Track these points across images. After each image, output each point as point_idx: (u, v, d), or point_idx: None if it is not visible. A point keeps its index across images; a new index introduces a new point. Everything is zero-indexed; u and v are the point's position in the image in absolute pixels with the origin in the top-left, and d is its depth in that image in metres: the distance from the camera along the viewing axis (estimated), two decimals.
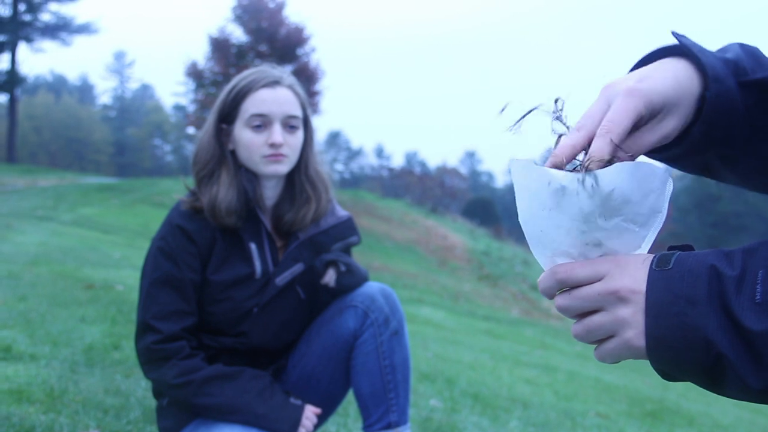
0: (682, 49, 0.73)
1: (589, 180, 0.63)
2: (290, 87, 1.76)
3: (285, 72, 1.80)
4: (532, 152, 0.71)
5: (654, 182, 0.65)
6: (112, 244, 8.91)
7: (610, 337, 0.66)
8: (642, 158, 0.72)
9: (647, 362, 0.65)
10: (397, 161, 79.69)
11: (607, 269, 0.66)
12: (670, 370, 0.63)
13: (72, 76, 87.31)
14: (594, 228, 0.65)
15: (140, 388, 2.60)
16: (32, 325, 3.43)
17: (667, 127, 0.70)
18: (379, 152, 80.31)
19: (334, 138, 74.69)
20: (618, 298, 0.64)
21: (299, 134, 1.77)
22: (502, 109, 0.70)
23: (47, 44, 41.41)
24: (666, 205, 0.68)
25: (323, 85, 25.36)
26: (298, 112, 1.76)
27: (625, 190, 0.63)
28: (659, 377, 0.68)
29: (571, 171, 0.65)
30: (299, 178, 1.81)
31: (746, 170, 0.77)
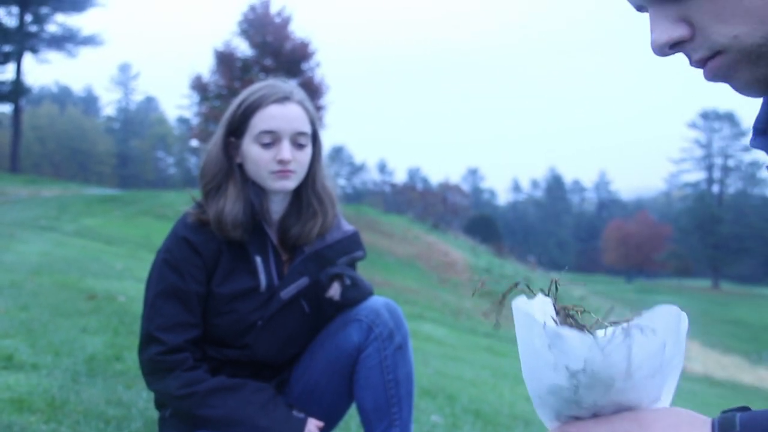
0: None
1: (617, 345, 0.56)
2: (300, 103, 1.77)
3: (295, 87, 1.80)
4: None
5: (672, 325, 0.59)
6: (115, 255, 8.91)
7: None
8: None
9: None
10: (400, 177, 79.76)
11: (627, 430, 0.59)
12: None
13: (77, 87, 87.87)
14: (614, 390, 0.58)
15: (142, 400, 2.60)
16: (34, 334, 3.42)
17: None
18: (382, 168, 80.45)
19: (337, 153, 74.85)
20: None
21: (308, 150, 1.77)
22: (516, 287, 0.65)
23: (53, 55, 41.80)
24: (683, 346, 0.61)
25: (327, 99, 25.50)
26: (307, 129, 1.76)
27: (647, 346, 0.57)
28: None
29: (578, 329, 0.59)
30: (306, 193, 1.82)
31: None
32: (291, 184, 1.74)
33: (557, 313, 0.62)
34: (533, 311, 0.60)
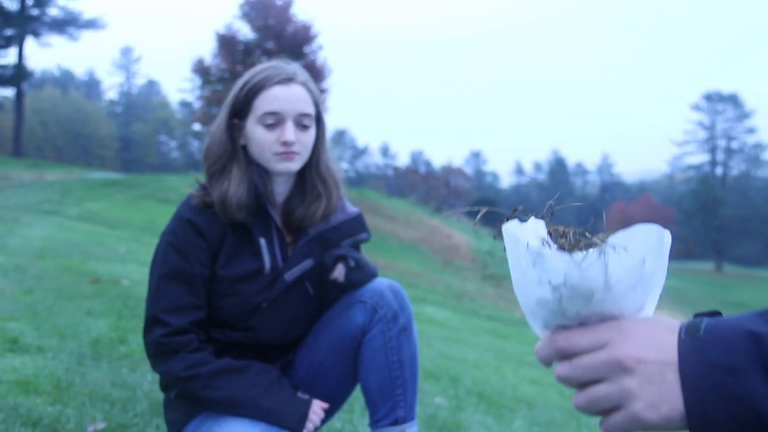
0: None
1: (592, 261, 0.60)
2: (304, 84, 1.75)
3: (298, 68, 1.78)
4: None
5: (652, 242, 0.63)
6: (118, 239, 8.93)
7: (615, 408, 0.62)
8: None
9: None
10: (403, 160, 79.61)
11: (610, 336, 0.62)
12: None
13: (79, 71, 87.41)
14: (594, 301, 0.63)
15: (147, 382, 2.61)
16: (39, 317, 3.44)
17: None
18: (385, 151, 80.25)
19: (339, 136, 74.69)
20: (622, 368, 0.61)
21: (311, 132, 1.76)
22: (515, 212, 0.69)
23: (54, 39, 41.48)
24: (666, 261, 0.65)
25: (330, 83, 25.41)
26: (311, 110, 1.75)
27: (625, 262, 0.61)
28: None
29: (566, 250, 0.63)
30: (310, 175, 1.81)
31: None
32: (295, 165, 1.73)
33: (550, 234, 0.66)
34: (519, 233, 0.65)
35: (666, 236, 0.64)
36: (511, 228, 0.66)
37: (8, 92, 39.93)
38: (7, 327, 3.09)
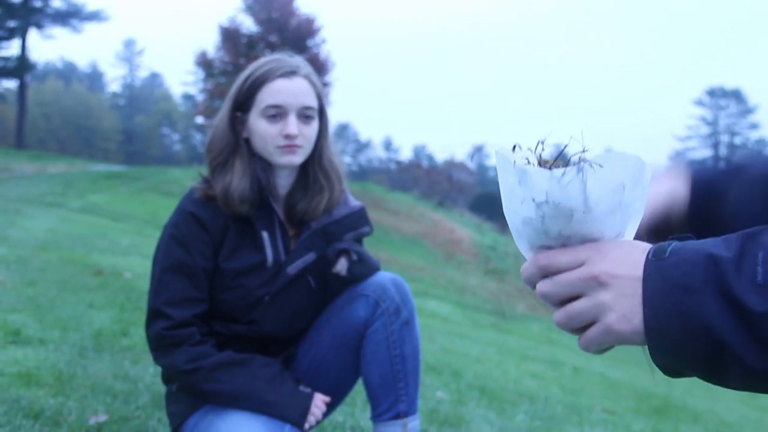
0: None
1: (571, 176, 0.63)
2: (306, 77, 1.75)
3: (301, 61, 1.78)
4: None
5: (632, 170, 0.65)
6: (121, 232, 8.94)
7: (591, 323, 0.66)
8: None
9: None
10: (405, 154, 79.54)
11: (588, 255, 0.66)
12: (671, 364, 0.62)
13: (82, 63, 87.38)
14: (575, 221, 0.66)
15: (149, 374, 2.61)
16: (41, 309, 3.44)
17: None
18: (387, 145, 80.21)
19: (342, 130, 74.62)
20: (598, 282, 0.64)
21: (314, 125, 1.76)
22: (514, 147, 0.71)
23: (58, 31, 41.41)
24: (646, 191, 0.68)
25: (333, 76, 25.35)
26: (314, 103, 1.74)
27: (603, 183, 0.64)
28: (663, 373, 0.66)
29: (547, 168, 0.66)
30: (313, 168, 1.80)
31: None
32: (297, 159, 1.73)
33: (538, 157, 0.69)
34: (509, 155, 0.68)
35: (648, 169, 0.67)
36: (502, 150, 0.69)
37: (11, 84, 40.01)
38: (10, 319, 3.09)
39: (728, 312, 0.57)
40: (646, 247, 0.66)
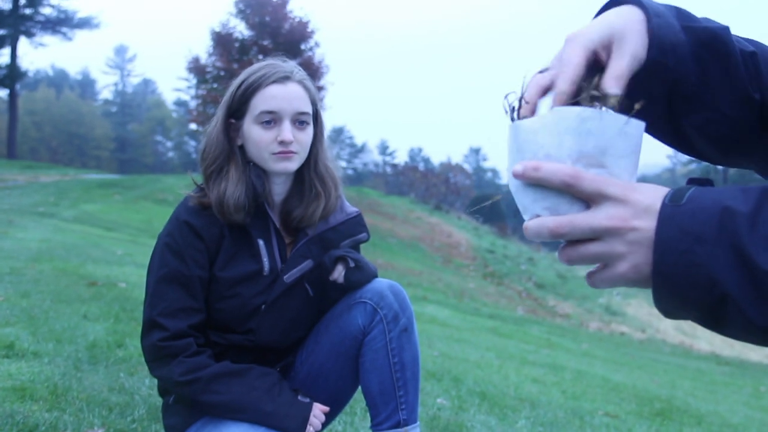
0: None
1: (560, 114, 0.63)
2: (301, 82, 1.73)
3: (295, 66, 1.76)
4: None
5: (617, 126, 0.64)
6: (115, 241, 8.90)
7: (602, 265, 0.66)
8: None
9: (654, 361, 0.62)
10: (401, 158, 79.62)
11: (615, 193, 0.64)
12: (672, 309, 0.63)
13: (73, 70, 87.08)
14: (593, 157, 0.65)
15: (144, 386, 2.58)
16: (35, 321, 3.41)
17: (628, 47, 0.72)
18: (383, 148, 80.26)
19: (337, 134, 74.70)
20: (617, 232, 0.63)
21: (309, 130, 1.73)
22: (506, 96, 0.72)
23: (48, 38, 41.20)
24: (639, 149, 0.67)
25: (327, 80, 25.35)
26: (308, 108, 1.72)
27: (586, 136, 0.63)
28: (664, 316, 0.65)
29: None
30: (309, 174, 1.78)
31: (717, 135, 0.81)
32: (293, 165, 1.70)
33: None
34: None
35: (638, 126, 0.66)
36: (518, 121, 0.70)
37: (1, 93, 39.82)
38: (3, 332, 3.06)
39: (737, 267, 0.57)
40: (666, 192, 0.65)
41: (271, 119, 1.68)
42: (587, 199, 0.64)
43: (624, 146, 0.65)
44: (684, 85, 0.78)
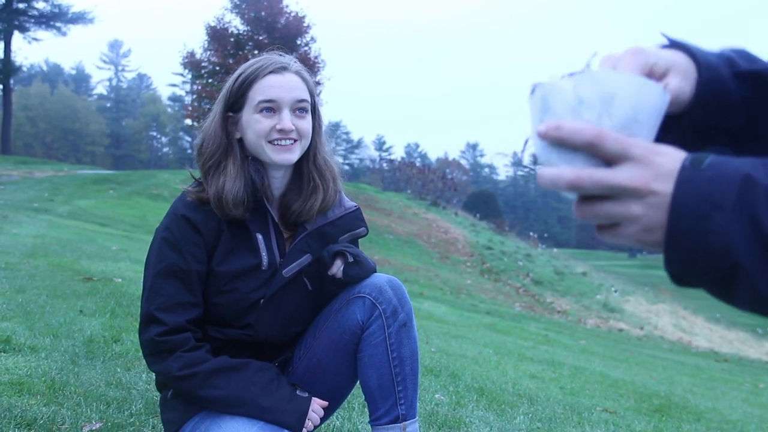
0: (675, 45, 0.79)
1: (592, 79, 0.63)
2: (298, 73, 1.72)
3: (292, 58, 1.76)
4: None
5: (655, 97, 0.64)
6: (110, 237, 8.87)
7: (615, 222, 0.65)
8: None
9: (653, 357, 0.61)
10: (398, 153, 79.58)
11: (638, 154, 0.63)
12: (683, 274, 0.62)
13: (68, 65, 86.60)
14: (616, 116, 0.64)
15: (142, 381, 2.57)
16: (31, 316, 3.39)
17: (675, 83, 0.73)
18: (380, 144, 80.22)
19: (334, 130, 74.59)
20: (636, 193, 0.62)
21: (308, 119, 1.72)
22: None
23: (42, 33, 40.85)
24: (663, 114, 0.66)
25: (324, 75, 25.29)
26: (307, 97, 1.72)
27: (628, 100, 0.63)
28: (672, 281, 0.65)
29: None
30: (307, 167, 1.77)
31: None
32: (294, 156, 1.69)
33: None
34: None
35: (665, 98, 0.65)
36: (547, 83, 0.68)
37: None
38: (0, 327, 3.04)
39: (751, 238, 0.57)
40: (685, 156, 0.64)
41: (270, 107, 1.67)
42: (609, 159, 0.63)
43: (651, 112, 0.64)
44: (726, 135, 0.78)
